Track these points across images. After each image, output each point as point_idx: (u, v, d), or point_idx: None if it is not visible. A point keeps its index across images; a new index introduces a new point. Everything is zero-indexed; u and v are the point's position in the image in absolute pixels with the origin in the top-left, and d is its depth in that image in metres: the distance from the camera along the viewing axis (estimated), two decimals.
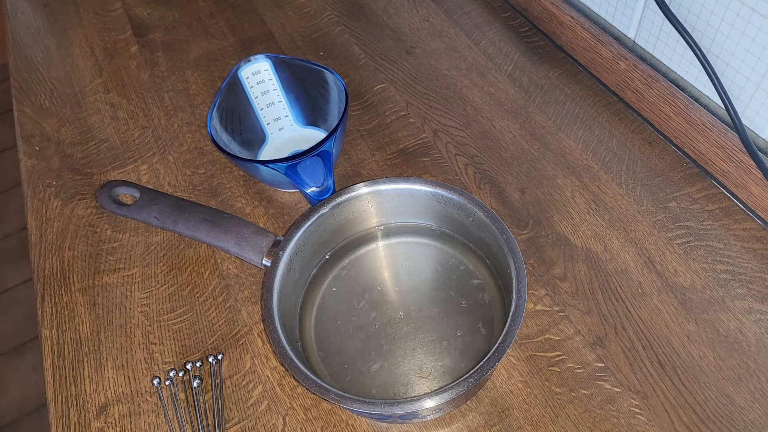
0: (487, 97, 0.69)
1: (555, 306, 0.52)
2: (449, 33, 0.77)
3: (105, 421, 0.50)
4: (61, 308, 0.57)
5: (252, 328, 0.54)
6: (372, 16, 0.81)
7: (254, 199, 0.63)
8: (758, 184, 0.54)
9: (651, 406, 0.47)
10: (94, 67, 0.79)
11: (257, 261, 0.53)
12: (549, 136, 0.65)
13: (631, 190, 0.59)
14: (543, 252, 0.56)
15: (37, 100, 0.76)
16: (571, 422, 0.46)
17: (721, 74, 0.55)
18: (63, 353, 0.54)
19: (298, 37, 0.80)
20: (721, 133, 0.56)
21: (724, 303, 0.51)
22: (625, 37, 0.65)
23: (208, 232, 0.55)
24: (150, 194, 0.60)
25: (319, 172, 0.54)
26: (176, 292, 0.57)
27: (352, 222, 0.55)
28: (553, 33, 0.73)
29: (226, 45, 0.80)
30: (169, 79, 0.77)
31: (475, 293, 0.52)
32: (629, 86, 0.64)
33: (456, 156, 0.64)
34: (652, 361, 0.49)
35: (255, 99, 0.65)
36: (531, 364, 0.49)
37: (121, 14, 0.87)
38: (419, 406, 0.41)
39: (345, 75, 0.74)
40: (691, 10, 0.55)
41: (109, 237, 0.61)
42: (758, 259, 0.53)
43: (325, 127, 0.66)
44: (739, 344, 0.49)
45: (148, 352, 0.53)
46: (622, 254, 0.55)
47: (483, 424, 0.47)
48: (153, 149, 0.69)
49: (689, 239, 0.55)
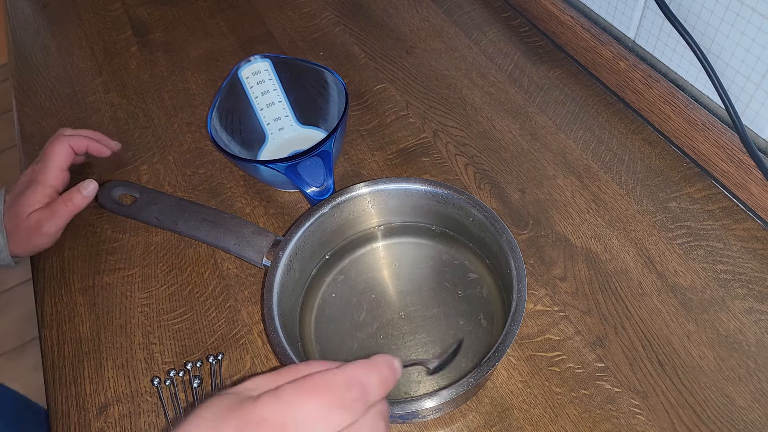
0: (487, 97, 0.69)
1: (555, 306, 0.52)
2: (449, 33, 0.77)
3: (105, 421, 0.50)
4: (61, 308, 0.57)
5: (252, 328, 0.54)
6: (372, 16, 0.81)
7: (254, 199, 0.63)
8: (758, 184, 0.54)
9: (651, 406, 0.47)
10: (94, 67, 0.79)
11: (257, 261, 0.53)
12: (549, 136, 0.65)
13: (631, 190, 0.59)
14: (543, 252, 0.56)
15: (37, 100, 0.76)
16: (571, 422, 0.46)
17: (721, 74, 0.55)
18: (63, 353, 0.54)
19: (298, 37, 0.80)
20: (721, 133, 0.56)
21: (724, 303, 0.51)
22: (625, 37, 0.65)
23: (208, 232, 0.55)
24: (150, 194, 0.60)
25: (319, 172, 0.54)
26: (176, 292, 0.57)
27: (352, 222, 0.55)
28: (553, 33, 0.73)
29: (226, 45, 0.80)
30: (169, 79, 0.77)
31: (474, 291, 0.52)
32: (629, 86, 0.64)
33: (456, 156, 0.64)
34: (652, 361, 0.49)
35: (255, 99, 0.65)
36: (531, 364, 0.49)
37: (121, 14, 0.87)
38: (419, 406, 0.41)
39: (345, 75, 0.74)
40: (691, 10, 0.55)
41: (109, 237, 0.61)
42: (758, 259, 0.53)
43: (325, 127, 0.66)
44: (739, 344, 0.49)
45: (148, 352, 0.53)
46: (622, 254, 0.55)
47: (483, 424, 0.47)
48: (153, 149, 0.69)
49: (689, 239, 0.55)
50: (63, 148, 0.60)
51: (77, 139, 0.61)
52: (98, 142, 0.64)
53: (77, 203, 0.59)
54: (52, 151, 0.59)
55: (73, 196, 0.59)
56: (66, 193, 0.59)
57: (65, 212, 0.58)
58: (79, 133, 0.63)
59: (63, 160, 0.60)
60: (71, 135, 0.62)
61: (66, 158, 0.60)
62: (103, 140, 0.64)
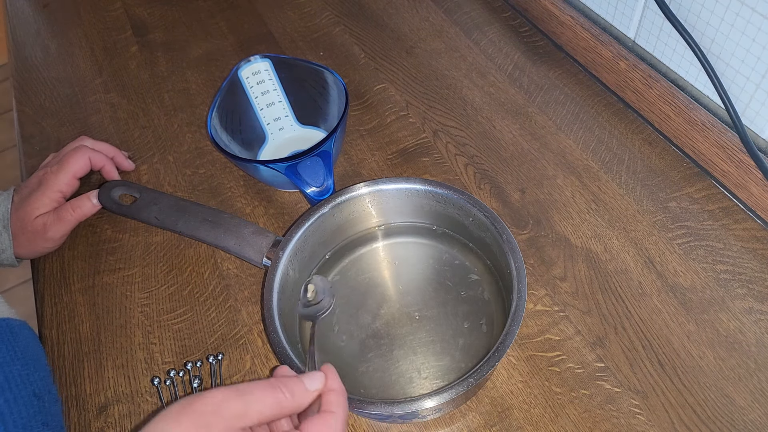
0: (487, 97, 0.69)
1: (555, 306, 0.52)
2: (449, 33, 0.77)
3: (105, 421, 0.50)
4: (61, 308, 0.57)
5: (252, 328, 0.54)
6: (372, 16, 0.81)
7: (254, 199, 0.63)
8: (758, 184, 0.54)
9: (651, 406, 0.47)
10: (94, 67, 0.79)
11: (257, 261, 0.53)
12: (549, 136, 0.65)
13: (631, 190, 0.59)
14: (543, 252, 0.56)
15: (37, 100, 0.76)
16: (571, 422, 0.46)
17: (721, 74, 0.55)
18: (63, 353, 0.54)
19: (298, 37, 0.80)
20: (721, 133, 0.56)
21: (724, 303, 0.51)
22: (625, 37, 0.65)
23: (208, 232, 0.55)
24: (150, 194, 0.60)
25: (319, 172, 0.54)
26: (176, 292, 0.57)
27: (352, 222, 0.55)
28: (553, 33, 0.73)
29: (226, 45, 0.80)
30: (169, 79, 0.77)
31: (474, 291, 0.52)
32: (629, 86, 0.64)
33: (456, 156, 0.64)
34: (652, 361, 0.49)
35: (255, 99, 0.65)
36: (531, 364, 0.49)
37: (121, 14, 0.87)
38: (419, 406, 0.41)
39: (345, 75, 0.74)
40: (691, 10, 0.55)
41: (109, 237, 0.61)
42: (758, 259, 0.53)
43: (325, 127, 0.66)
44: (739, 344, 0.49)
45: (148, 352, 0.53)
46: (622, 254, 0.55)
47: (483, 424, 0.47)
48: (153, 149, 0.69)
49: (689, 239, 0.55)
50: (83, 161, 0.60)
51: (98, 156, 0.62)
52: (114, 159, 0.64)
53: (85, 211, 0.59)
54: (71, 160, 0.60)
55: (81, 204, 0.59)
56: (75, 199, 0.59)
57: (72, 219, 0.58)
58: (100, 148, 0.63)
59: (78, 170, 0.60)
60: (93, 149, 0.62)
61: (82, 170, 0.61)
62: (119, 157, 0.65)
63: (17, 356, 0.46)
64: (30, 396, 0.45)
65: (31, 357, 0.48)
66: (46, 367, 0.50)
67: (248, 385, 0.34)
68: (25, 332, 0.49)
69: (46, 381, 0.48)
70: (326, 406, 0.36)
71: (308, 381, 0.37)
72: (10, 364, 0.45)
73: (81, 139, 0.64)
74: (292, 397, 0.35)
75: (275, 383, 0.35)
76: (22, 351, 0.47)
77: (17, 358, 0.46)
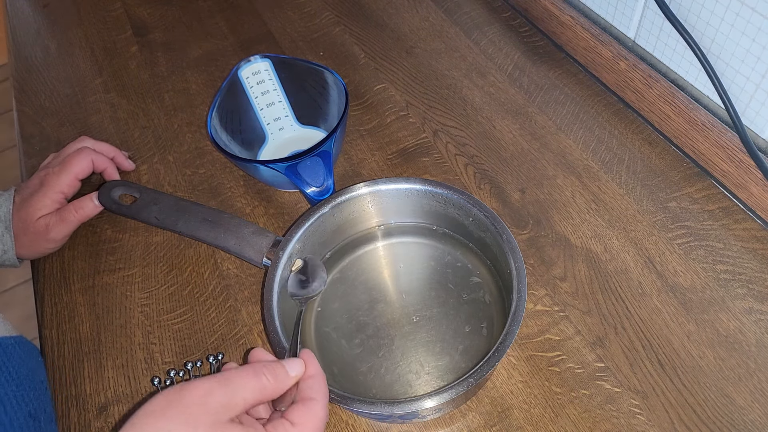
0: (487, 97, 0.69)
1: (555, 306, 0.52)
2: (449, 33, 0.77)
3: (105, 421, 0.50)
4: (61, 308, 0.57)
5: (252, 328, 0.54)
6: (372, 16, 0.81)
7: (254, 199, 0.63)
8: (758, 184, 0.54)
9: (651, 406, 0.47)
10: (94, 67, 0.79)
11: (257, 261, 0.53)
12: (549, 136, 0.65)
13: (631, 190, 0.59)
14: (543, 252, 0.56)
15: (37, 100, 0.76)
16: (571, 422, 0.46)
17: (721, 74, 0.55)
18: (63, 353, 0.54)
19: (298, 37, 0.80)
20: (721, 133, 0.56)
21: (724, 303, 0.51)
22: (625, 37, 0.65)
23: (208, 232, 0.55)
24: (150, 194, 0.60)
25: (319, 172, 0.54)
26: (176, 292, 0.57)
27: (352, 222, 0.55)
28: (553, 33, 0.73)
29: (226, 45, 0.80)
30: (169, 79, 0.77)
31: (475, 292, 0.52)
32: (629, 86, 0.64)
33: (456, 156, 0.64)
34: (652, 361, 0.49)
35: (255, 99, 0.65)
36: (531, 364, 0.49)
37: (121, 14, 0.87)
38: (419, 406, 0.41)
39: (345, 75, 0.74)
40: (691, 10, 0.55)
41: (109, 237, 0.61)
42: (758, 259, 0.53)
43: (325, 127, 0.66)
44: (739, 344, 0.49)
45: (148, 352, 0.53)
46: (622, 254, 0.55)
47: (483, 424, 0.47)
48: (153, 149, 0.69)
49: (689, 239, 0.55)
50: (86, 162, 0.60)
51: (101, 158, 0.62)
52: (114, 159, 0.64)
53: (88, 212, 0.59)
54: (73, 161, 0.60)
55: (84, 204, 0.59)
56: (77, 200, 0.59)
57: (75, 219, 0.59)
58: (102, 150, 0.63)
59: (80, 172, 0.60)
60: (95, 150, 0.62)
61: (85, 171, 0.61)
62: (119, 158, 0.65)
63: (11, 377, 0.46)
64: (26, 417, 0.44)
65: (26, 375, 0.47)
66: (43, 383, 0.49)
67: (231, 373, 0.35)
68: (19, 349, 0.49)
69: (41, 400, 0.47)
70: (307, 392, 0.37)
71: (289, 366, 0.37)
72: (5, 385, 0.45)
73: (81, 140, 0.64)
74: (275, 381, 0.36)
75: (258, 368, 0.35)
76: (17, 370, 0.46)
77: (11, 380, 0.46)
